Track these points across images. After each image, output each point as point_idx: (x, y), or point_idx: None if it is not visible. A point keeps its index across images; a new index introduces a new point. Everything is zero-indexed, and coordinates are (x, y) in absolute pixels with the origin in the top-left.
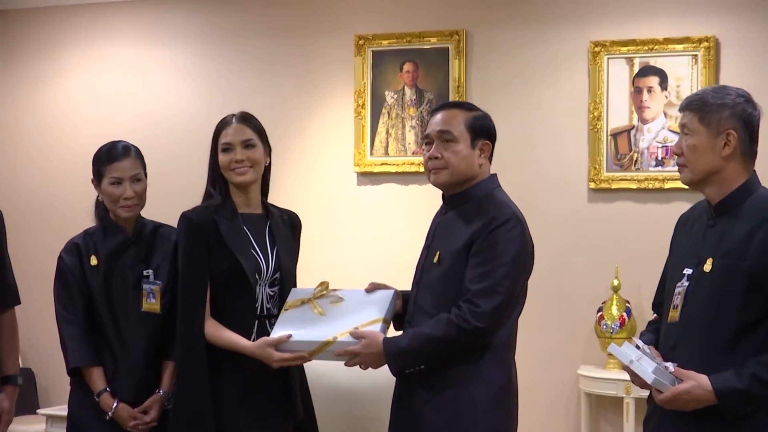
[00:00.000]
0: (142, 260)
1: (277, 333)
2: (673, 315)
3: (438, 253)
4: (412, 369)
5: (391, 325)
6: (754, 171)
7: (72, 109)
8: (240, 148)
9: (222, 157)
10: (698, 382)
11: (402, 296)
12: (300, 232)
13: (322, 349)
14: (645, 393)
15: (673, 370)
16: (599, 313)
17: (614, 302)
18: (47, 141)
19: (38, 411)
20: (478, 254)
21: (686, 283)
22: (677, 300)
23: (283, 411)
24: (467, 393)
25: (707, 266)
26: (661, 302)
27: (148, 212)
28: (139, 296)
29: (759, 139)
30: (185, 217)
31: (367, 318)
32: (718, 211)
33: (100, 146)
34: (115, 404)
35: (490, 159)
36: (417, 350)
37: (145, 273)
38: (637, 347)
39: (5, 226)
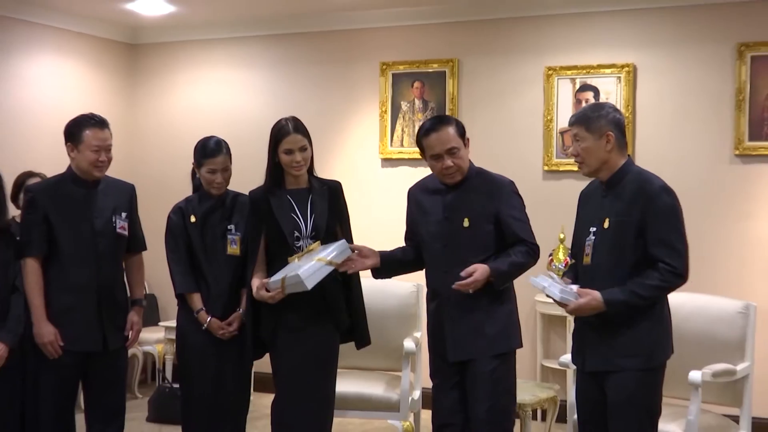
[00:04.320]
0: (227, 218)
1: (272, 278)
2: (587, 260)
3: (467, 219)
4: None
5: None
6: (629, 155)
7: (182, 115)
8: (298, 152)
9: (284, 157)
10: (593, 296)
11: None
12: (342, 195)
13: (283, 284)
14: None
15: (576, 290)
16: (550, 257)
17: (560, 250)
18: (164, 137)
19: (159, 323)
20: (513, 208)
21: (593, 237)
22: (588, 249)
23: (325, 322)
24: (510, 310)
25: (606, 224)
26: (576, 252)
27: (235, 186)
28: (225, 244)
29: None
30: (249, 195)
31: (316, 258)
32: (608, 186)
33: (201, 139)
34: (209, 319)
35: None
36: (511, 273)
37: (228, 227)
38: (551, 278)
39: (137, 196)
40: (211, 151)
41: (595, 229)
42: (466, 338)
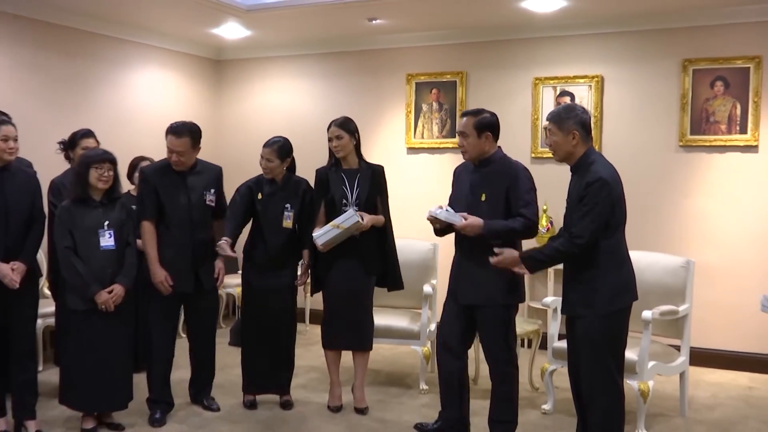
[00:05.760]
0: (285, 198)
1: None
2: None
3: (484, 194)
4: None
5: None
6: (592, 146)
7: (256, 114)
8: (335, 139)
9: (330, 144)
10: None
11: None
12: (383, 175)
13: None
14: (560, 266)
15: (461, 215)
16: None
17: (543, 217)
18: (243, 132)
19: (237, 272)
20: (519, 188)
21: (564, 212)
22: (563, 217)
23: (359, 267)
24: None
25: (566, 203)
26: None
27: (299, 171)
28: (282, 218)
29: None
30: (316, 171)
31: (330, 224)
32: (572, 171)
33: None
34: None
35: (496, 139)
36: (499, 231)
37: (286, 205)
38: (442, 208)
39: (223, 175)
40: (265, 144)
41: (565, 205)
42: (475, 287)
